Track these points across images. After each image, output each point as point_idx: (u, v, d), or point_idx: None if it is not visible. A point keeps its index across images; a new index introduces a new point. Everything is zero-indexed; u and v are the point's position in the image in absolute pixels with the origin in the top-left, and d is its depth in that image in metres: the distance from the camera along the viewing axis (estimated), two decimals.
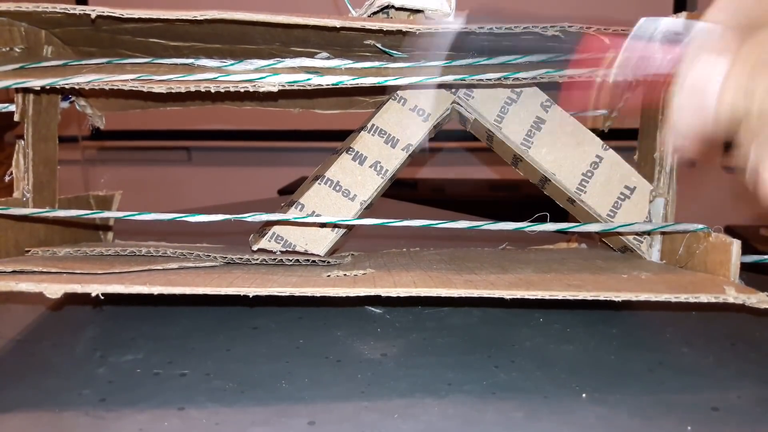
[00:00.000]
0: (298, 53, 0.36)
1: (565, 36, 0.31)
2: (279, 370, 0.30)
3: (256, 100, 0.43)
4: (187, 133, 1.86)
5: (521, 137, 0.38)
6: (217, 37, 0.35)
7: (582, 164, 0.38)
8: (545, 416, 0.26)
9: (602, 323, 0.36)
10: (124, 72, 0.30)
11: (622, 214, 0.38)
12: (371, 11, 0.36)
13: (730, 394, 0.28)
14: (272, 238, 0.37)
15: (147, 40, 0.35)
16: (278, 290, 0.28)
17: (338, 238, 0.38)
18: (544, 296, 0.28)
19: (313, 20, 0.29)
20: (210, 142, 1.91)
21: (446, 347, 0.33)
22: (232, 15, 0.29)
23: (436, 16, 0.36)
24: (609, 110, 0.48)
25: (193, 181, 1.96)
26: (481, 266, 0.35)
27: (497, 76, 0.31)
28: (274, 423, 0.26)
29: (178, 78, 0.30)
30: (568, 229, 0.33)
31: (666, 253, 0.38)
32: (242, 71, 0.31)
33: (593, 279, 0.32)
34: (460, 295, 0.29)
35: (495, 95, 0.38)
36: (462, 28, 0.30)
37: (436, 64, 0.32)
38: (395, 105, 0.38)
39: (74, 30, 0.36)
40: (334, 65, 0.32)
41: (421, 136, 0.38)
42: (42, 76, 0.30)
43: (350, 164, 0.37)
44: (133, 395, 0.28)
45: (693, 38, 0.25)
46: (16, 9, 0.31)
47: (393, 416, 0.26)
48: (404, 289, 0.29)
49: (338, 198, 0.37)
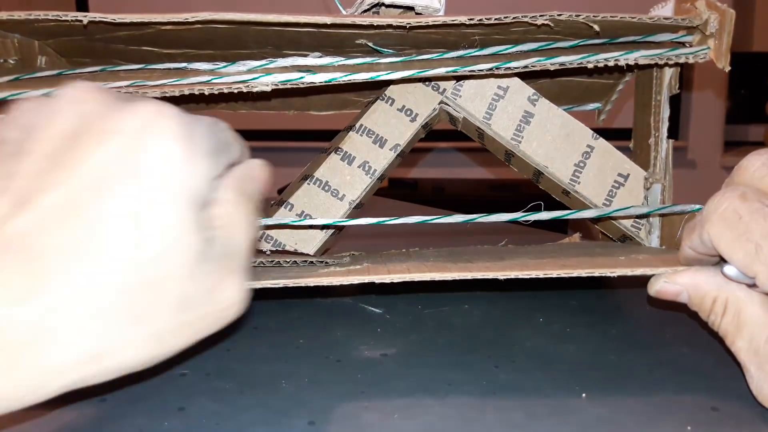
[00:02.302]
0: (291, 55, 0.36)
1: (555, 25, 0.31)
2: (279, 370, 0.30)
3: (250, 101, 0.44)
4: None
5: (511, 133, 0.38)
6: (209, 42, 0.35)
7: (573, 155, 0.38)
8: (545, 416, 0.26)
9: (602, 323, 0.36)
10: (118, 79, 0.31)
11: (618, 201, 0.38)
12: (362, 9, 0.36)
13: (730, 394, 0.28)
14: (262, 238, 0.37)
15: (140, 48, 0.36)
16: (272, 282, 0.28)
17: (327, 238, 0.38)
18: (538, 275, 0.28)
19: (304, 18, 0.30)
20: None
21: (446, 347, 0.33)
22: (223, 16, 0.29)
23: (426, 12, 0.36)
24: (603, 103, 0.48)
25: None
26: (478, 258, 0.35)
27: (489, 66, 0.31)
28: (274, 423, 0.26)
29: (172, 82, 0.30)
30: (562, 216, 0.33)
31: (665, 238, 0.38)
32: (235, 72, 0.31)
33: (589, 261, 0.32)
34: (454, 278, 0.29)
35: (482, 92, 0.38)
36: (452, 20, 0.30)
37: (427, 58, 0.32)
38: (383, 105, 0.38)
39: (67, 40, 0.36)
40: (327, 63, 0.32)
41: (409, 136, 0.38)
42: (36, 87, 0.30)
43: (339, 164, 0.38)
44: (133, 395, 0.28)
45: None
46: (8, 18, 0.31)
47: (393, 416, 0.26)
48: (398, 275, 0.29)
49: (327, 198, 0.37)
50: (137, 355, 0.21)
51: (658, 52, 0.32)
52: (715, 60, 0.32)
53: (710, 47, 0.32)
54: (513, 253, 0.38)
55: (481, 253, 0.38)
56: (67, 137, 0.21)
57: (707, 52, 0.32)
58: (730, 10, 0.31)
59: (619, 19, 0.31)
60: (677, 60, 0.33)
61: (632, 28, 0.32)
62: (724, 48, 0.32)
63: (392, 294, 0.40)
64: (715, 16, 0.32)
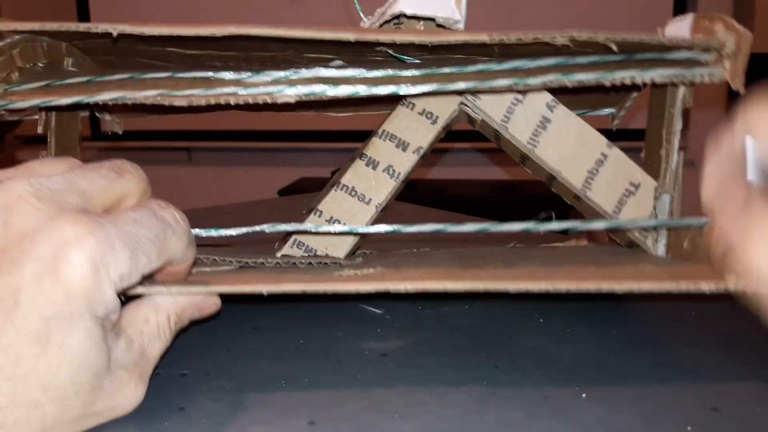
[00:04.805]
0: (312, 59, 0.37)
1: (574, 45, 0.31)
2: (279, 370, 0.30)
3: (274, 108, 0.44)
4: (187, 133, 1.86)
5: (527, 137, 0.39)
6: (232, 45, 0.35)
7: (587, 162, 0.38)
8: (545, 416, 0.26)
9: (602, 323, 0.36)
10: (146, 87, 0.31)
11: (627, 209, 0.38)
12: (383, 20, 0.37)
13: (730, 394, 0.28)
14: (294, 245, 0.38)
15: (164, 48, 0.37)
16: (291, 287, 0.29)
17: (357, 241, 0.39)
18: (548, 288, 0.29)
19: (329, 35, 0.31)
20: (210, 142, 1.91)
21: (446, 347, 0.33)
22: (248, 30, 0.30)
23: (447, 23, 0.37)
24: (617, 109, 0.49)
25: (193, 181, 1.97)
26: (488, 263, 0.35)
27: (507, 82, 0.31)
28: (274, 423, 0.26)
29: (199, 93, 0.31)
30: (573, 227, 0.34)
31: (672, 247, 0.38)
32: (260, 83, 0.32)
33: (597, 271, 0.32)
34: (466, 288, 0.29)
35: (501, 96, 0.39)
36: (473, 39, 0.31)
37: (448, 71, 0.33)
38: (404, 110, 0.39)
39: (94, 42, 0.37)
40: (349, 75, 0.32)
41: (430, 139, 0.39)
42: (67, 95, 0.31)
43: (364, 170, 0.38)
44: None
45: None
46: (40, 29, 0.32)
47: (393, 416, 0.26)
48: (412, 283, 0.29)
49: (354, 203, 0.38)
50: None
51: (674, 72, 0.32)
52: (730, 81, 0.32)
53: (726, 68, 0.32)
54: (521, 257, 0.38)
55: (490, 256, 0.39)
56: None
57: (723, 73, 0.32)
58: (748, 32, 0.31)
59: (638, 41, 0.32)
60: (692, 79, 0.33)
61: (650, 48, 0.33)
62: (739, 69, 0.32)
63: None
64: (732, 38, 0.32)
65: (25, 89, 0.32)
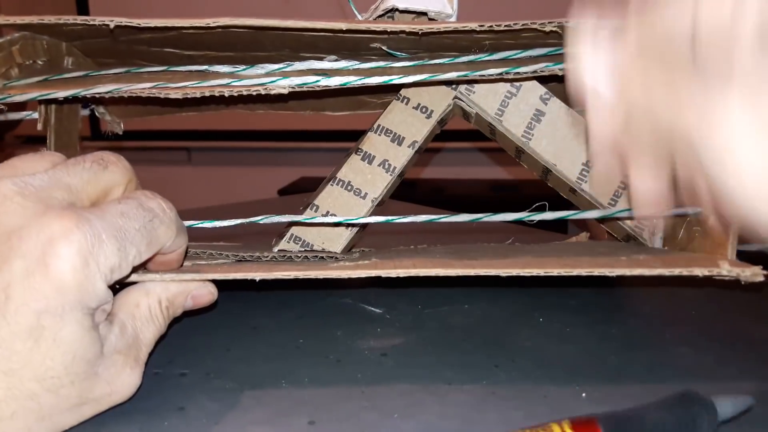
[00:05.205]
0: (308, 58, 0.37)
1: (563, 31, 0.31)
2: (279, 370, 0.30)
3: (268, 102, 0.45)
4: (187, 133, 1.85)
5: (522, 130, 0.39)
6: (228, 45, 0.36)
7: (582, 154, 0.39)
8: (545, 416, 0.26)
9: (602, 323, 0.36)
10: (142, 81, 0.32)
11: (623, 201, 0.39)
12: (377, 14, 0.37)
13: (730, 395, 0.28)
14: (291, 239, 0.38)
15: (162, 49, 0.37)
16: (283, 274, 0.29)
17: (353, 236, 0.39)
18: (539, 273, 0.29)
19: (320, 24, 0.31)
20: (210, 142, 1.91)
21: (446, 347, 0.33)
22: (243, 21, 0.30)
23: (438, 17, 0.37)
24: None
25: (193, 181, 1.96)
26: (483, 255, 0.35)
27: (498, 71, 0.32)
28: (274, 423, 0.26)
29: (194, 84, 0.31)
30: (566, 216, 0.34)
31: (668, 239, 0.39)
32: (254, 75, 0.32)
33: (590, 260, 0.32)
34: (458, 273, 0.29)
35: (495, 89, 0.39)
36: (463, 27, 0.31)
37: (439, 62, 0.33)
38: (399, 105, 0.39)
39: (93, 42, 0.37)
40: (341, 66, 0.33)
41: (425, 133, 0.39)
42: (64, 88, 0.32)
43: (359, 164, 0.39)
44: (133, 395, 0.28)
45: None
46: (38, 22, 0.32)
47: (393, 416, 0.26)
48: (403, 270, 0.29)
49: (350, 197, 0.38)
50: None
51: None
52: None
53: None
54: (517, 251, 0.38)
55: (486, 250, 0.39)
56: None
57: None
58: None
59: None
60: None
61: None
62: None
63: (393, 291, 0.40)
64: None
65: (23, 84, 0.33)
